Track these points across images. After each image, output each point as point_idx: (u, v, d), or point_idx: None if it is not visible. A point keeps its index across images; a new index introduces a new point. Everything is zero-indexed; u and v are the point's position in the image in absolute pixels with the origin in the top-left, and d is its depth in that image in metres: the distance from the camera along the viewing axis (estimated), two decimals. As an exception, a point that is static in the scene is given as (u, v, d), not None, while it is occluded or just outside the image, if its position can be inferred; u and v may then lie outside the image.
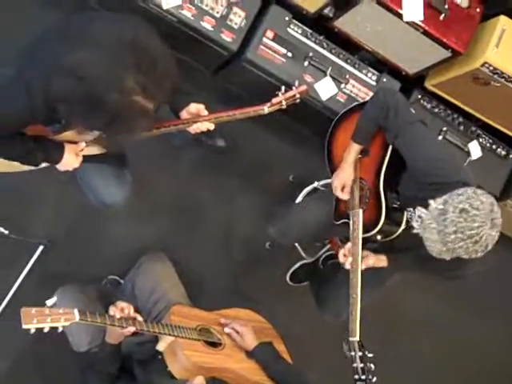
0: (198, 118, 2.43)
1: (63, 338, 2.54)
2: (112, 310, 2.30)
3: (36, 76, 1.98)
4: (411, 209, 2.50)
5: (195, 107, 2.42)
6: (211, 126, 2.42)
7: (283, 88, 2.41)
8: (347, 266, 2.54)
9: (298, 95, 2.41)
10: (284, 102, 2.41)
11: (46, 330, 2.04)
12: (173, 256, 2.99)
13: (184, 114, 2.44)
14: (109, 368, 2.43)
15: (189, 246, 3.41)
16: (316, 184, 3.34)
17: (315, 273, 3.50)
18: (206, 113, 2.42)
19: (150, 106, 1.92)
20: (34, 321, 1.99)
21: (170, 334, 2.38)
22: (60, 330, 2.09)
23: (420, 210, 2.21)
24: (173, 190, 3.45)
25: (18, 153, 2.28)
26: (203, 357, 2.46)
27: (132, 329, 2.28)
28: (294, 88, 2.42)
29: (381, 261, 2.66)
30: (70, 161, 2.41)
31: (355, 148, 2.65)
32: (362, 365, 2.33)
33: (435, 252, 2.17)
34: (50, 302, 2.51)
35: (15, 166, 2.41)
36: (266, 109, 2.39)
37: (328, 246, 3.42)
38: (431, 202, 2.18)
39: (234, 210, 3.59)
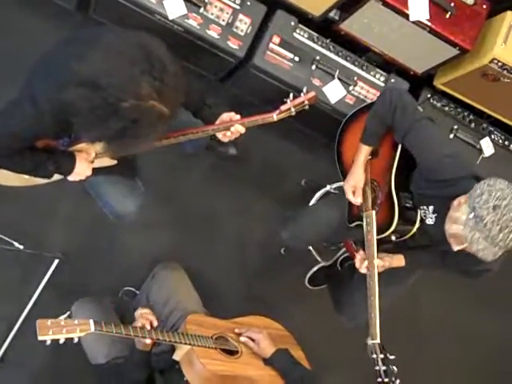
0: (207, 126, 2.44)
1: (82, 350, 2.55)
2: (140, 323, 2.33)
3: (43, 91, 2.01)
4: (425, 207, 2.50)
5: (227, 116, 2.44)
6: (243, 130, 2.42)
7: (291, 95, 2.39)
8: (363, 270, 2.53)
9: (306, 102, 2.38)
10: (293, 109, 2.37)
11: (61, 342, 2.05)
12: (187, 264, 3.00)
13: None
14: (137, 375, 2.42)
15: (203, 254, 3.41)
16: (328, 187, 3.32)
17: (333, 275, 3.49)
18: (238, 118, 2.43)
19: (165, 110, 1.92)
20: (49, 332, 2.01)
21: (185, 343, 2.38)
22: (76, 340, 2.10)
23: (453, 229, 2.20)
24: (186, 199, 3.45)
25: (29, 166, 2.29)
26: (220, 365, 2.45)
27: (148, 340, 2.29)
28: (302, 94, 2.39)
29: (397, 260, 2.66)
30: (82, 169, 2.41)
31: (365, 150, 2.64)
32: (384, 367, 2.31)
33: (491, 256, 2.14)
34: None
35: (29, 180, 2.44)
36: (274, 116, 2.37)
37: (344, 249, 3.40)
38: (455, 214, 2.18)
39: (247, 217, 3.58)
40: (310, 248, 3.42)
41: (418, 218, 2.55)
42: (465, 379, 3.91)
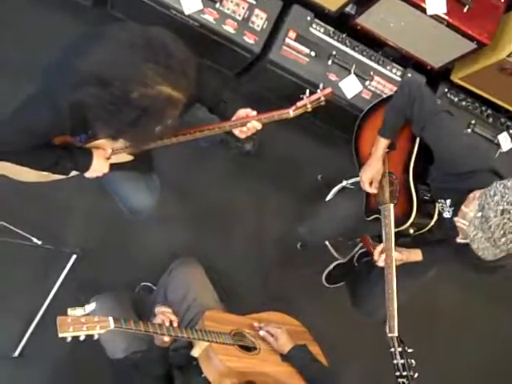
0: (223, 123, 2.44)
1: (100, 344, 2.56)
2: (160, 319, 2.32)
3: (60, 89, 2.01)
4: (442, 200, 2.49)
5: (244, 111, 2.44)
6: (259, 126, 2.41)
7: (308, 91, 2.38)
8: (381, 263, 2.53)
9: (322, 98, 2.36)
10: (309, 105, 2.36)
11: (81, 338, 2.04)
12: (204, 260, 2.99)
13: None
14: (155, 371, 2.43)
15: (220, 250, 3.41)
16: (344, 183, 3.32)
17: (350, 272, 3.48)
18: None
19: (175, 94, 1.93)
20: (70, 329, 1.99)
21: (204, 340, 2.37)
22: (96, 337, 2.10)
23: (459, 221, 2.18)
24: (202, 194, 3.46)
25: (48, 163, 2.30)
26: (238, 361, 2.44)
27: (166, 338, 2.29)
28: (318, 91, 2.38)
29: (415, 255, 2.65)
30: (99, 165, 2.41)
31: (383, 143, 2.63)
32: (402, 361, 2.30)
33: (491, 256, 2.11)
34: (88, 308, 2.52)
35: (46, 176, 2.45)
36: (291, 112, 2.36)
37: (361, 245, 3.39)
38: (465, 210, 2.15)
39: (263, 212, 3.58)
40: (327, 243, 3.42)
41: (437, 211, 2.54)
42: (478, 375, 3.89)
